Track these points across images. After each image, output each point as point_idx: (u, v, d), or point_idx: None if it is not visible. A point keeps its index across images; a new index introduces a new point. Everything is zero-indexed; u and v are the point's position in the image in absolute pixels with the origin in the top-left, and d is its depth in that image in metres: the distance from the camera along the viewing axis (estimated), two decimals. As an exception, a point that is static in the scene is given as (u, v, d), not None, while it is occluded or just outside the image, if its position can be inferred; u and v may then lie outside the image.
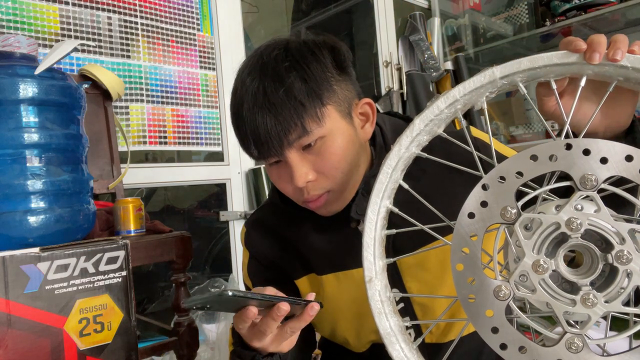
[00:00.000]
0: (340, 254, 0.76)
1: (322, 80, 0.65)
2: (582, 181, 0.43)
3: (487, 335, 0.45)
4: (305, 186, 0.67)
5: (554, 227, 0.44)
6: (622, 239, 0.42)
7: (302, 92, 0.63)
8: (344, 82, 0.69)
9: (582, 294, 0.43)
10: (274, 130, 0.64)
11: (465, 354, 0.77)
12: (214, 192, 2.11)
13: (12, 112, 0.74)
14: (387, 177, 0.53)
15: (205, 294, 0.51)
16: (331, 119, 0.66)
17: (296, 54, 0.66)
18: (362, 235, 0.53)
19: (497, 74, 0.49)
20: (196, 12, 1.67)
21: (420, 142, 0.53)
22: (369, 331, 0.78)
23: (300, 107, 0.63)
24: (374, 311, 0.52)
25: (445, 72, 2.36)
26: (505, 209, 0.45)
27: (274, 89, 0.64)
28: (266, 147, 0.65)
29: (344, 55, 0.70)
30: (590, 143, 0.43)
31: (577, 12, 2.09)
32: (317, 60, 0.66)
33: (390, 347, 0.51)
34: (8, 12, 1.24)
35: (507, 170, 0.45)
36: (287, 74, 0.64)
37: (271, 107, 0.64)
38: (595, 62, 0.46)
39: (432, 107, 0.51)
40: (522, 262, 0.44)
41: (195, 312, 1.51)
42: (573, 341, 0.43)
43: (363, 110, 0.73)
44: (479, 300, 0.45)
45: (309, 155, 0.67)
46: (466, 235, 0.46)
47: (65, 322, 0.63)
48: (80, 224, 0.82)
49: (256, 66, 0.67)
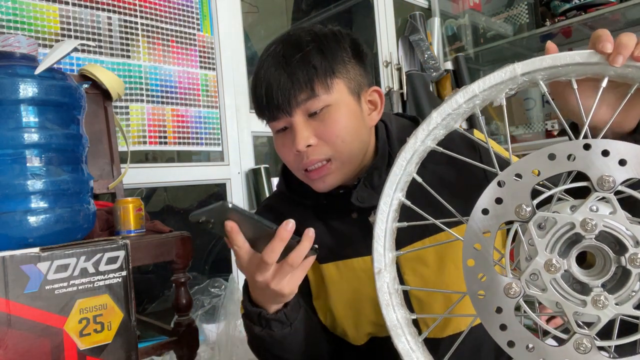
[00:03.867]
0: (340, 243, 0.78)
1: (337, 56, 0.71)
2: (599, 182, 0.42)
3: (495, 332, 0.45)
4: (306, 151, 0.70)
5: (569, 227, 0.44)
6: (636, 242, 0.42)
7: (317, 59, 0.69)
8: (358, 67, 0.74)
9: (593, 295, 0.43)
10: (286, 87, 0.69)
11: (465, 349, 0.77)
12: (214, 192, 2.11)
13: (12, 112, 0.74)
14: (402, 169, 0.53)
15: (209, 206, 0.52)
16: (339, 91, 0.71)
17: (319, 33, 0.73)
18: (373, 227, 0.53)
19: (519, 70, 0.48)
20: (196, 12, 1.67)
21: (437, 136, 0.53)
22: (366, 322, 0.79)
23: (313, 70, 0.69)
24: (381, 303, 0.52)
25: (445, 72, 2.35)
26: (520, 206, 0.44)
27: (293, 52, 0.70)
28: (276, 103, 0.70)
29: (362, 48, 0.76)
30: (610, 144, 0.42)
31: (577, 12, 2.09)
32: (337, 41, 0.73)
33: (396, 339, 0.51)
34: (8, 12, 1.24)
35: (524, 168, 0.45)
36: (307, 44, 0.71)
37: (286, 67, 0.69)
38: (618, 65, 0.46)
39: (450, 101, 0.51)
40: (534, 261, 0.44)
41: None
42: (582, 342, 0.42)
43: (372, 97, 0.77)
44: (489, 296, 0.45)
45: (313, 122, 0.70)
46: (479, 231, 0.46)
47: (65, 322, 0.63)
48: (80, 224, 0.82)
49: (282, 38, 0.74)
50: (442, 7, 2.61)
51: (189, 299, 1.08)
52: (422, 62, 2.34)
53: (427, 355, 0.51)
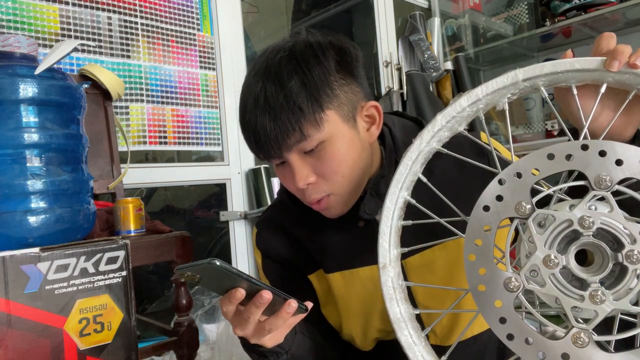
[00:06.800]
0: (347, 252, 0.77)
1: (323, 85, 0.65)
2: (597, 181, 0.44)
3: (495, 325, 0.46)
4: (307, 188, 0.68)
5: (567, 224, 0.45)
6: (633, 239, 0.43)
7: (302, 97, 0.64)
8: (348, 86, 0.69)
9: (590, 290, 0.44)
10: (273, 134, 0.64)
11: (468, 357, 0.77)
12: (214, 192, 2.11)
13: (12, 112, 0.74)
14: (407, 168, 0.54)
15: (195, 262, 0.51)
16: (331, 123, 0.66)
17: (299, 57, 0.66)
18: (379, 224, 0.54)
19: (520, 76, 0.50)
20: (196, 12, 1.67)
21: (441, 138, 0.54)
22: (374, 330, 0.78)
23: (299, 112, 0.64)
24: (385, 297, 0.53)
25: (445, 72, 2.35)
26: (520, 203, 0.46)
27: (275, 93, 0.64)
28: (267, 149, 0.66)
29: (351, 57, 0.70)
30: (606, 145, 0.44)
31: (577, 12, 2.09)
32: (320, 64, 0.66)
33: (399, 333, 0.52)
34: (8, 12, 1.24)
35: (524, 167, 0.47)
36: (289, 78, 0.65)
37: (270, 111, 0.64)
38: (614, 69, 0.47)
39: (454, 104, 0.52)
40: (533, 256, 0.46)
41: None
42: (579, 336, 0.43)
43: (369, 112, 0.72)
44: (489, 290, 0.47)
45: (310, 159, 0.67)
46: (480, 227, 0.47)
47: (65, 322, 0.63)
48: (80, 224, 0.82)
49: (261, 69, 0.68)
50: (442, 7, 2.61)
51: (189, 299, 1.08)
52: (422, 62, 2.34)
53: (429, 349, 0.52)
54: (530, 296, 0.48)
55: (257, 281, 0.55)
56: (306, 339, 0.74)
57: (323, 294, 0.82)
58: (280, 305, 0.57)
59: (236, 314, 0.59)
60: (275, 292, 0.55)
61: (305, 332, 0.74)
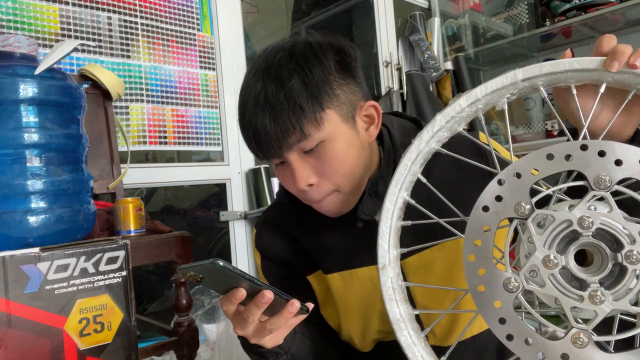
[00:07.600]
0: (346, 253, 0.77)
1: (324, 84, 0.66)
2: (596, 181, 0.44)
3: (495, 326, 0.46)
4: (308, 190, 0.68)
5: (566, 224, 0.45)
6: (633, 239, 0.43)
7: (302, 96, 0.64)
8: (347, 85, 0.69)
9: (590, 290, 0.44)
10: (273, 133, 0.64)
11: (467, 357, 0.77)
12: (214, 192, 2.11)
13: (12, 112, 0.74)
14: (406, 169, 0.54)
15: (198, 262, 0.51)
16: (331, 123, 0.66)
17: (300, 57, 0.66)
18: (378, 224, 0.54)
19: (519, 76, 0.50)
20: (196, 12, 1.67)
21: (440, 138, 0.54)
22: (373, 330, 0.78)
23: (299, 111, 0.64)
24: (385, 297, 0.53)
25: (445, 72, 2.35)
26: (519, 204, 0.46)
27: (275, 92, 0.64)
28: (267, 148, 0.66)
29: (350, 57, 0.70)
30: (606, 145, 0.44)
31: (577, 12, 2.09)
32: (320, 63, 0.66)
33: (398, 333, 0.52)
34: (8, 12, 1.24)
35: (523, 167, 0.46)
36: (289, 77, 0.65)
37: (271, 110, 0.64)
38: (614, 70, 0.47)
39: (454, 104, 0.52)
40: (533, 256, 0.45)
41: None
42: (579, 336, 0.43)
43: (368, 112, 0.72)
44: (489, 291, 0.47)
45: (310, 159, 0.67)
46: (479, 227, 0.47)
47: (65, 322, 0.63)
48: (80, 224, 0.82)
49: (260, 68, 0.67)
50: (442, 7, 2.61)
51: (189, 299, 1.08)
52: (422, 62, 2.34)
53: (429, 350, 0.52)
54: (530, 296, 0.48)
55: (258, 281, 0.55)
56: (306, 339, 0.74)
57: (322, 294, 0.82)
58: (281, 306, 0.57)
59: (237, 314, 0.59)
60: (277, 293, 0.55)
61: (305, 333, 0.74)
